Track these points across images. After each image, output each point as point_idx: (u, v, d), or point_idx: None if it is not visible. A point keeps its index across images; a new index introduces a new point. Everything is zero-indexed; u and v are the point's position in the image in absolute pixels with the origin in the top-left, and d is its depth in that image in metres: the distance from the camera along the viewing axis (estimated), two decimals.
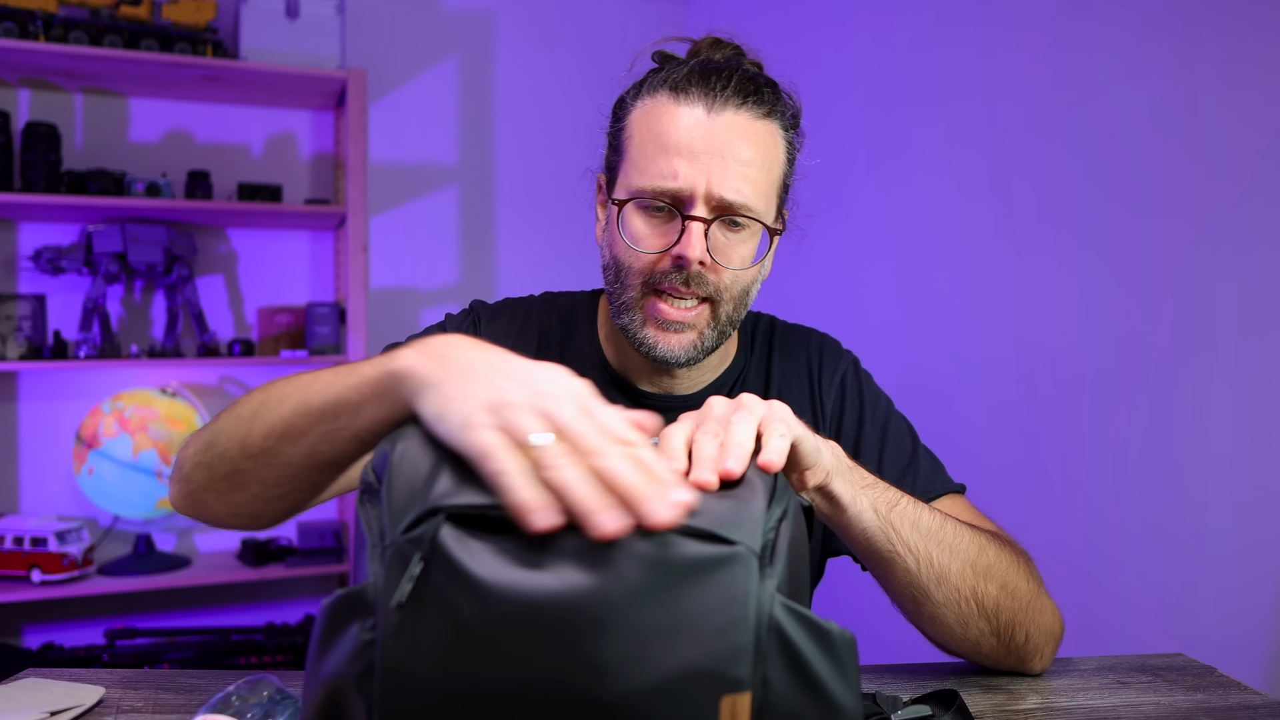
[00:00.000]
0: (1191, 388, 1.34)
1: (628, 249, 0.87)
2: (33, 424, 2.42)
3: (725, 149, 0.83)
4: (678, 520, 0.47)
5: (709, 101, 0.84)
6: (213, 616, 2.53)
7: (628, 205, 0.87)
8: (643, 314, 0.88)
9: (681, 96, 0.85)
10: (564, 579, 0.45)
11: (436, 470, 0.49)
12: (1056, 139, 1.57)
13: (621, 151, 0.89)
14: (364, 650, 0.46)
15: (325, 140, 2.66)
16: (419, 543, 0.46)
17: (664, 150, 0.84)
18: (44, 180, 2.23)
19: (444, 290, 2.74)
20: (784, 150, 0.89)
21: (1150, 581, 1.39)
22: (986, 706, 0.80)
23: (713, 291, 0.86)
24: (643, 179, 0.85)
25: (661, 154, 0.84)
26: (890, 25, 2.04)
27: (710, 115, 0.84)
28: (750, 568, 0.47)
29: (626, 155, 0.88)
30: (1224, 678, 0.88)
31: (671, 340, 0.87)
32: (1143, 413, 1.41)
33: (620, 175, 0.89)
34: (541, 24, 2.86)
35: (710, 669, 0.45)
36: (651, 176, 0.84)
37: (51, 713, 0.73)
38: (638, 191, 0.85)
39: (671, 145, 0.84)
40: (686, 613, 0.45)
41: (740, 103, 0.85)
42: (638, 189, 0.85)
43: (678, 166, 0.83)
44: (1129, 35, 1.45)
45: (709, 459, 0.54)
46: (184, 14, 2.29)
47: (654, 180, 0.84)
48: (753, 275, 0.89)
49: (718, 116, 0.84)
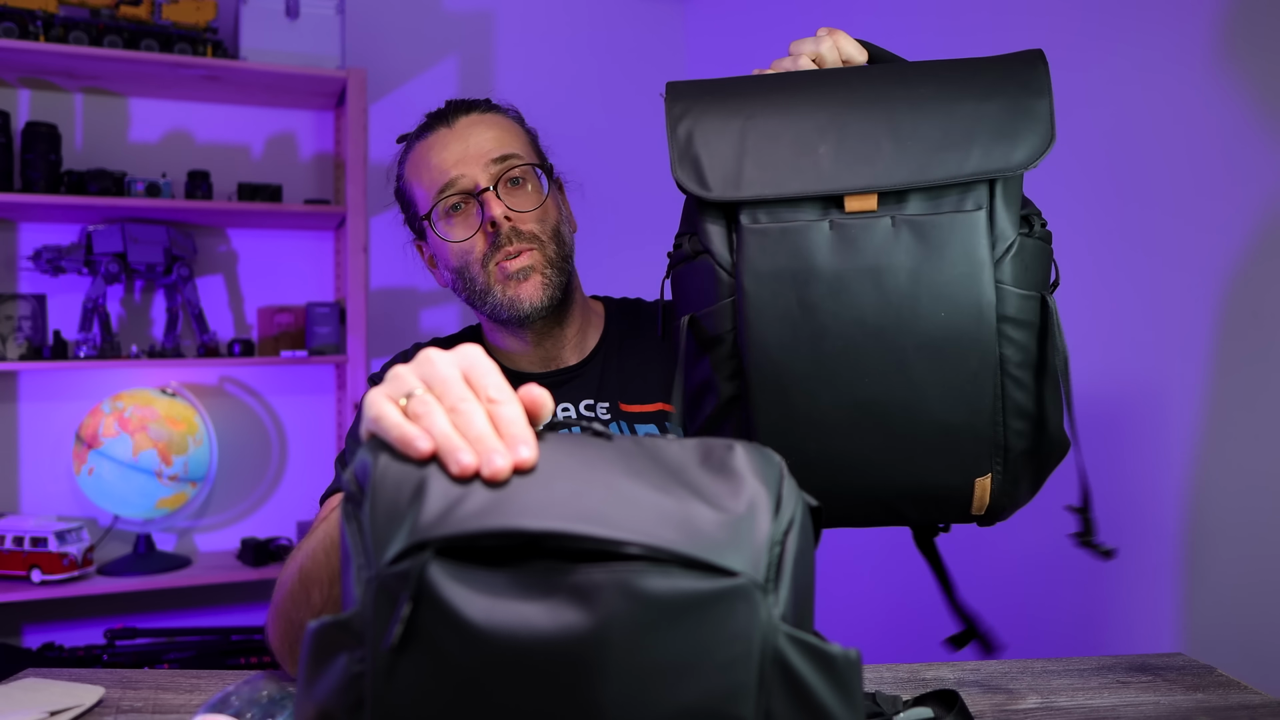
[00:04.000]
0: (1191, 387, 1.34)
1: (456, 250, 1.06)
2: (33, 424, 2.42)
3: (471, 135, 1.07)
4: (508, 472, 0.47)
5: (446, 122, 1.10)
6: (213, 616, 2.53)
7: (436, 222, 1.07)
8: (497, 285, 1.05)
9: (427, 133, 1.10)
10: (557, 618, 0.43)
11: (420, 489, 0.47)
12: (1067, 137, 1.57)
13: (411, 197, 1.12)
14: (354, 683, 0.45)
15: (325, 140, 2.66)
16: (406, 579, 0.44)
17: (432, 165, 1.07)
18: (44, 180, 2.23)
19: (444, 290, 2.73)
20: (520, 125, 1.15)
21: (1150, 581, 1.39)
22: (986, 706, 0.80)
23: (529, 239, 1.05)
24: (431, 190, 1.07)
25: (434, 168, 1.07)
26: (890, 25, 2.04)
27: (450, 127, 1.09)
28: (752, 600, 0.45)
29: (414, 197, 1.11)
30: (1224, 677, 0.88)
31: (525, 288, 1.05)
32: (1142, 412, 1.41)
33: (420, 210, 1.10)
34: (541, 24, 2.86)
35: (712, 708, 0.44)
36: (435, 184, 1.06)
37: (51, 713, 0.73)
38: (434, 201, 1.06)
39: (433, 159, 1.07)
40: (686, 651, 0.44)
41: (467, 111, 1.10)
42: (433, 200, 1.06)
43: (448, 167, 1.06)
44: (1129, 35, 1.45)
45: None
46: (184, 14, 2.29)
47: (438, 184, 1.06)
48: (555, 216, 1.09)
49: (455, 124, 1.09)
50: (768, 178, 0.71)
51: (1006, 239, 0.71)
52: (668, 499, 0.48)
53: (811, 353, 0.71)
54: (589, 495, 0.48)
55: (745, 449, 0.52)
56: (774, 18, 2.50)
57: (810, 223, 0.71)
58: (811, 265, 0.70)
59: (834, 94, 0.74)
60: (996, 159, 0.70)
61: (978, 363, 0.71)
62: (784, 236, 0.71)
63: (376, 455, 0.50)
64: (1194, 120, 1.34)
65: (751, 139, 0.73)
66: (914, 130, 0.71)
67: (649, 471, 0.50)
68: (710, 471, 0.51)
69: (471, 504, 0.46)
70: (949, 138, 0.71)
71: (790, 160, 0.71)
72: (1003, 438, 0.73)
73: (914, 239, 0.70)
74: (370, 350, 2.53)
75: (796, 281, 0.71)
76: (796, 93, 0.75)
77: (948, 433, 0.72)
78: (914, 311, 0.69)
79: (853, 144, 0.71)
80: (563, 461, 0.50)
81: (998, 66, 0.74)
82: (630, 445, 0.53)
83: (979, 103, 0.72)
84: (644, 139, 2.96)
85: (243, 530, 2.56)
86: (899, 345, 0.70)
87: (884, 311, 0.70)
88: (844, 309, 0.70)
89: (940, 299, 0.69)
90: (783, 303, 0.71)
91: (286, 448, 2.63)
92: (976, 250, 0.70)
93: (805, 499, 0.53)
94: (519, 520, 0.45)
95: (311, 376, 2.64)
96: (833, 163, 0.71)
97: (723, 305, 0.73)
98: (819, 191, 0.70)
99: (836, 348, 0.70)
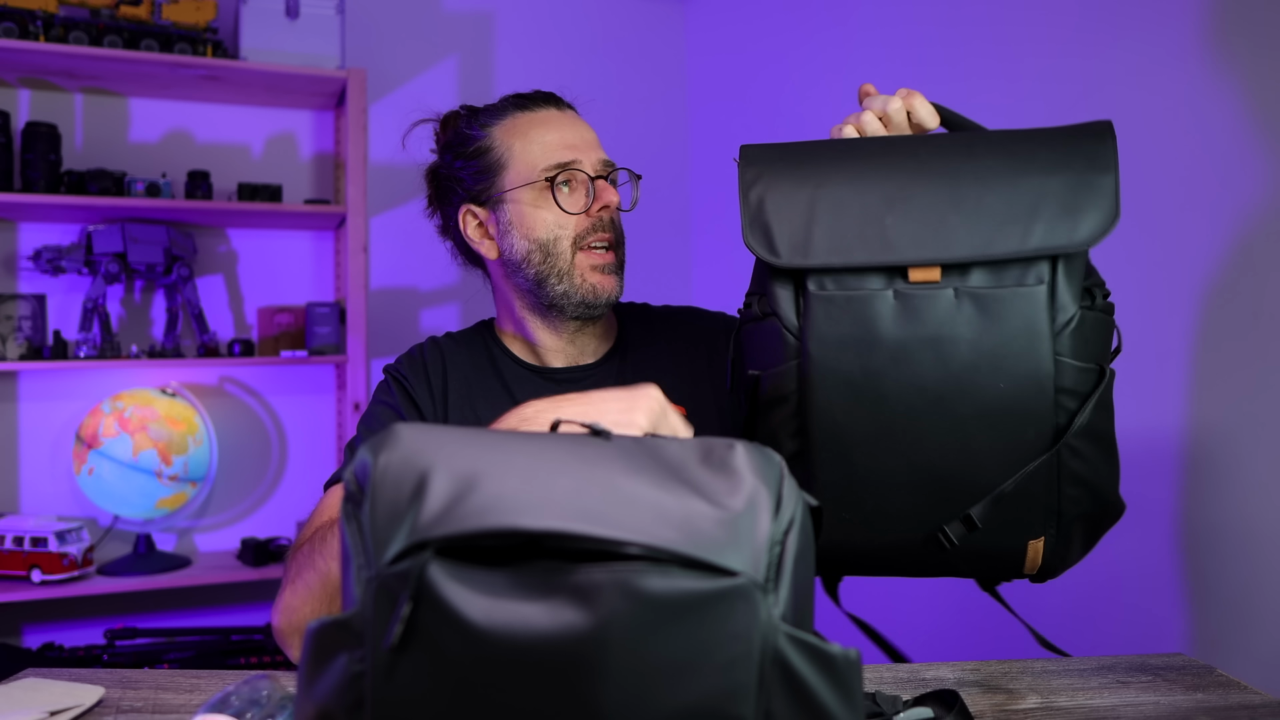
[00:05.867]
0: (1191, 386, 1.34)
1: (554, 221, 1.06)
2: (33, 424, 2.42)
3: (582, 127, 1.12)
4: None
5: (555, 105, 1.14)
6: (213, 616, 2.53)
7: (537, 192, 1.07)
8: (579, 271, 1.07)
9: (533, 106, 1.12)
10: (557, 618, 0.44)
11: (421, 488, 0.47)
12: None
13: (499, 163, 1.10)
14: (354, 682, 0.45)
15: (325, 140, 2.66)
16: (406, 579, 0.44)
17: (550, 139, 1.08)
18: (44, 180, 2.23)
19: (444, 290, 2.74)
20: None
21: (1150, 581, 1.39)
22: (986, 706, 0.80)
23: (617, 236, 1.10)
24: (546, 159, 1.07)
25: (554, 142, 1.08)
26: (891, 25, 2.04)
27: (562, 112, 1.13)
28: (752, 600, 0.45)
29: (508, 162, 1.09)
30: (1224, 677, 0.88)
31: (607, 281, 1.08)
32: (1142, 411, 1.41)
33: (509, 179, 1.09)
34: (541, 24, 2.86)
35: (712, 708, 0.44)
36: (554, 156, 1.07)
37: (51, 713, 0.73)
38: (545, 173, 1.06)
39: (551, 134, 1.09)
40: (686, 651, 0.44)
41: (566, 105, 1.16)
42: (546, 169, 1.06)
43: (572, 144, 1.08)
44: (1129, 34, 1.45)
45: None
46: (184, 14, 2.29)
47: (558, 157, 1.07)
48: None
49: (565, 111, 1.14)
50: (835, 246, 0.74)
51: (1067, 312, 0.73)
52: (668, 497, 0.48)
53: (873, 417, 0.73)
54: (589, 494, 0.47)
55: (745, 448, 0.52)
56: (774, 18, 2.50)
57: (875, 292, 0.73)
58: (875, 333, 0.73)
59: (902, 165, 0.76)
60: (1059, 236, 0.72)
61: (1034, 433, 0.73)
62: (849, 304, 0.73)
63: (376, 455, 0.50)
64: (1192, 119, 1.34)
65: (820, 207, 0.75)
66: (978, 203, 0.73)
67: (649, 470, 0.50)
68: (710, 469, 0.51)
69: (471, 503, 0.46)
70: (1013, 211, 0.72)
71: (857, 230, 0.74)
72: (1057, 503, 0.76)
73: (976, 311, 0.72)
74: (370, 350, 2.53)
75: (860, 348, 0.73)
76: (866, 161, 0.77)
77: (1003, 497, 0.74)
78: (974, 381, 0.72)
79: (918, 215, 0.73)
80: (563, 460, 0.50)
81: (1065, 139, 0.75)
82: (630, 444, 0.53)
83: (1045, 177, 0.73)
84: (644, 139, 2.96)
85: (243, 530, 2.56)
86: (958, 413, 0.72)
87: (944, 380, 0.72)
88: (906, 376, 0.72)
89: (1000, 370, 0.71)
90: (846, 368, 0.73)
91: (286, 448, 2.63)
92: (1037, 324, 0.72)
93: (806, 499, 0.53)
94: (519, 519, 0.45)
95: (311, 376, 2.64)
96: (898, 234, 0.73)
97: (789, 367, 0.76)
98: (884, 262, 0.73)
99: (897, 413, 0.73)
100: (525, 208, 1.07)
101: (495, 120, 1.11)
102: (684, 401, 1.13)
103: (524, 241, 1.08)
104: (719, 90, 2.84)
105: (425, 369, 1.13)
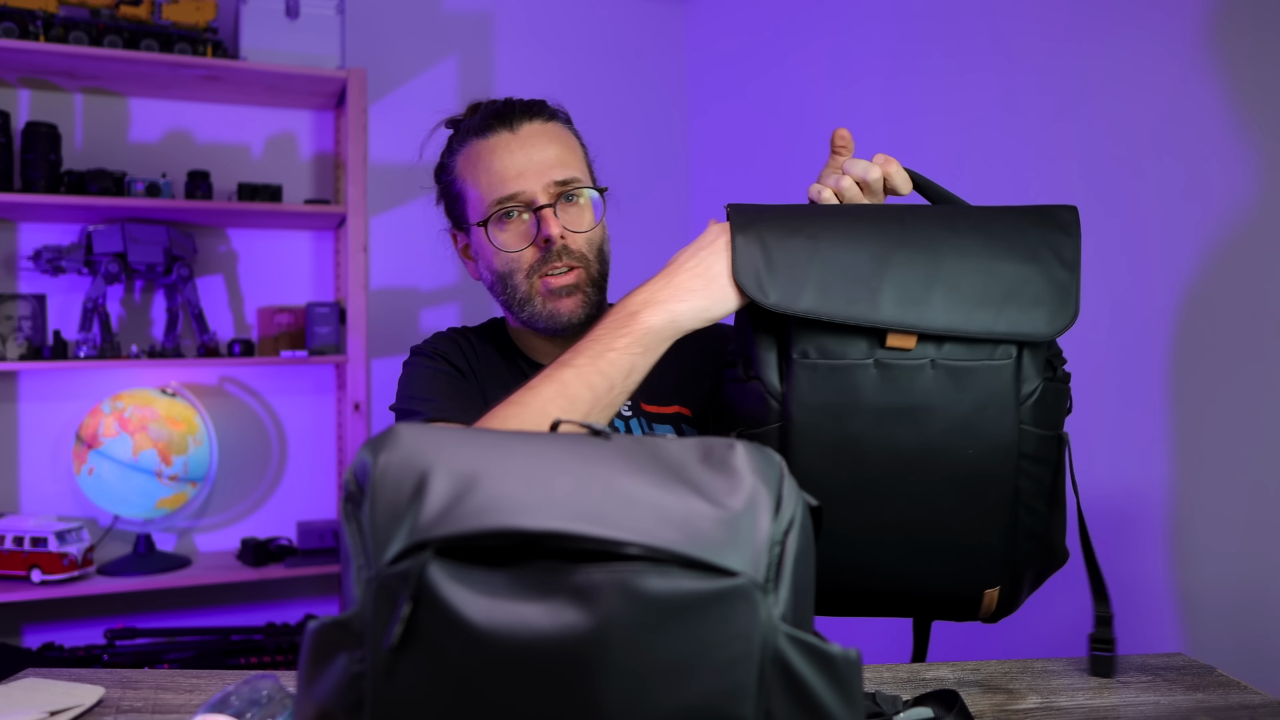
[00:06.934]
0: (1191, 386, 1.34)
1: (504, 256, 1.07)
2: (33, 424, 2.42)
3: (534, 147, 1.07)
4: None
5: (509, 125, 1.08)
6: (213, 616, 2.53)
7: (489, 225, 1.07)
8: (539, 297, 1.07)
9: (487, 132, 1.08)
10: (557, 618, 0.43)
11: (421, 488, 0.47)
12: (1061, 138, 1.57)
13: (460, 195, 1.12)
14: (354, 683, 0.45)
15: (325, 140, 2.66)
16: (406, 579, 0.44)
17: (494, 170, 1.06)
18: (44, 180, 2.23)
19: (444, 290, 2.74)
20: (576, 138, 1.14)
21: (1150, 581, 1.39)
22: (986, 706, 0.80)
23: (577, 257, 1.07)
24: (489, 195, 1.06)
25: (495, 174, 1.06)
26: (891, 25, 2.04)
27: (514, 133, 1.08)
28: (752, 600, 0.45)
29: (465, 195, 1.10)
30: (1224, 677, 0.88)
31: (566, 304, 1.07)
32: (1142, 411, 1.41)
33: (469, 213, 1.10)
34: (541, 24, 2.86)
35: (712, 708, 0.44)
36: (494, 191, 1.06)
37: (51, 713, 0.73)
38: (489, 209, 1.06)
39: (495, 164, 1.06)
40: (686, 652, 0.44)
41: (529, 117, 1.09)
42: (489, 206, 1.06)
43: (510, 177, 1.05)
44: (1121, 33, 1.45)
45: None
46: (184, 14, 2.29)
47: (498, 192, 1.05)
48: (600, 235, 1.11)
49: (518, 130, 1.08)
50: (823, 298, 0.78)
51: (1031, 384, 0.79)
52: (668, 497, 0.48)
53: (850, 477, 0.78)
54: (589, 494, 0.47)
55: (746, 447, 0.52)
56: (774, 18, 2.50)
57: (858, 362, 0.78)
58: (857, 401, 0.78)
59: (888, 231, 0.80)
60: (1025, 325, 0.78)
61: (998, 494, 0.79)
62: (833, 373, 0.78)
63: (376, 455, 0.50)
64: (1189, 118, 1.34)
65: (816, 258, 0.79)
66: (958, 281, 0.78)
67: (649, 469, 0.50)
68: (710, 469, 0.51)
69: (471, 503, 0.46)
70: (989, 294, 0.78)
71: (845, 286, 0.78)
72: (1014, 556, 0.82)
73: (951, 382, 0.77)
74: (370, 350, 2.53)
75: (842, 414, 0.78)
76: (856, 222, 0.82)
77: (965, 552, 0.81)
78: (945, 447, 0.77)
79: (902, 283, 0.78)
80: (563, 460, 0.50)
81: (1037, 224, 0.81)
82: (630, 443, 0.53)
83: (1019, 265, 0.79)
84: (644, 139, 2.96)
85: (243, 530, 2.56)
86: (930, 476, 0.78)
87: (920, 446, 0.77)
88: (884, 441, 0.77)
89: (970, 437, 0.77)
90: (827, 433, 0.78)
91: (286, 448, 2.63)
92: (1004, 395, 0.78)
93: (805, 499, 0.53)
94: (519, 519, 0.45)
95: (311, 376, 2.64)
96: (884, 298, 0.78)
97: (771, 429, 0.80)
98: (866, 321, 0.77)
99: (873, 474, 0.78)
100: (483, 240, 1.09)
101: (459, 147, 1.12)
102: (684, 402, 1.13)
103: (487, 271, 1.11)
104: (719, 90, 2.84)
105: (460, 349, 1.15)
